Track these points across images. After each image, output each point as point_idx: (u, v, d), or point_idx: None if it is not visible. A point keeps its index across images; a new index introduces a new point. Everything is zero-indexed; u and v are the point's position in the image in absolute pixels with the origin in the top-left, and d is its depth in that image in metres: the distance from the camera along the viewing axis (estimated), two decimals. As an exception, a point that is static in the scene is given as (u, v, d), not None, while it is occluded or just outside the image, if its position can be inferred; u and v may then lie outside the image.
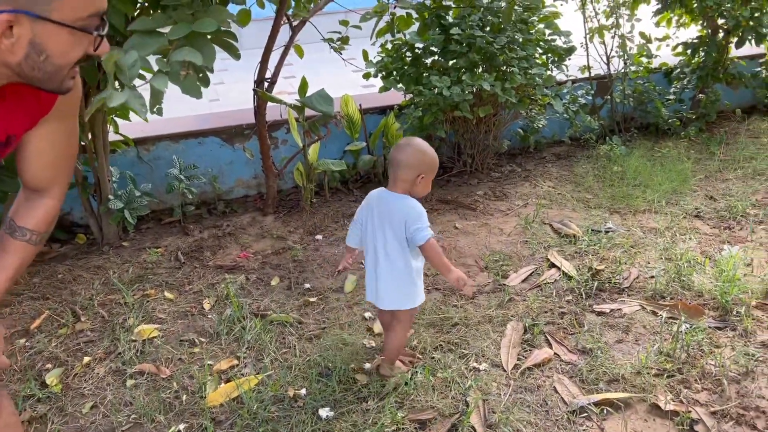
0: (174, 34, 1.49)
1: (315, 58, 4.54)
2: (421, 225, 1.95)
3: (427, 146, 1.98)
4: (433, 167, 2.00)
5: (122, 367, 2.28)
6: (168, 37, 1.51)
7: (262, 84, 3.19)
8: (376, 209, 2.06)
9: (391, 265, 2.01)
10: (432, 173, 2.01)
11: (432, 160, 1.98)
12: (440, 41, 3.45)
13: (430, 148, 1.99)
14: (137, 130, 3.47)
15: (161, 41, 1.50)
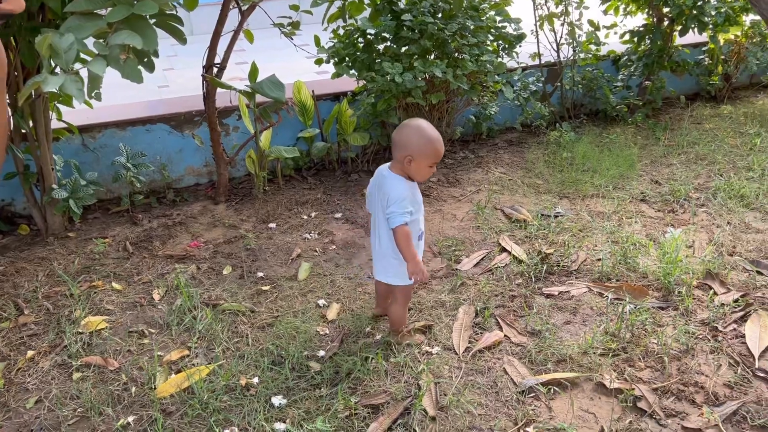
0: (113, 17, 1.44)
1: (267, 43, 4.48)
2: (396, 210, 1.95)
3: (424, 130, 1.94)
4: (424, 152, 1.94)
5: (68, 360, 2.22)
6: (107, 20, 1.46)
7: (211, 70, 3.13)
8: (375, 183, 2.10)
9: (380, 241, 2.10)
10: (423, 158, 1.95)
11: (423, 145, 1.93)
12: (392, 27, 3.44)
13: (428, 132, 1.94)
14: (82, 117, 3.36)
15: (99, 24, 1.45)
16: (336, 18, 3.46)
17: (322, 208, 3.40)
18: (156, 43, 1.55)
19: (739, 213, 3.12)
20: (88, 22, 1.43)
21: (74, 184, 3.04)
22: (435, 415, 1.90)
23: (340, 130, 3.76)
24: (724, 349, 2.16)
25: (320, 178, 3.80)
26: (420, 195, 2.09)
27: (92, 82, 1.43)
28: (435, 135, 1.94)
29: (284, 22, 3.33)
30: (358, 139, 3.69)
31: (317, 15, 3.29)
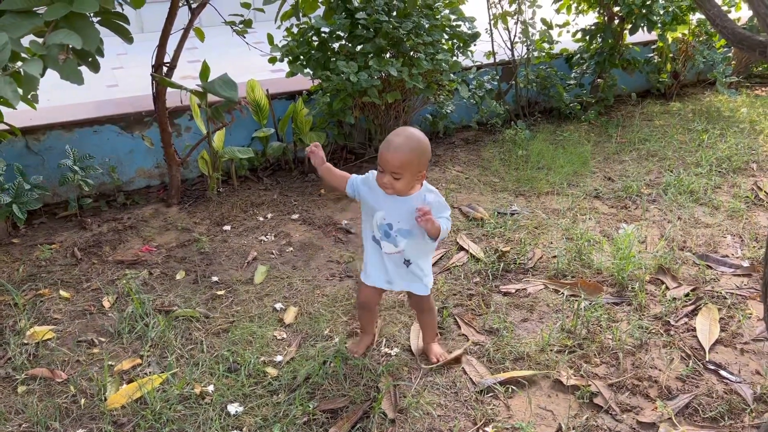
0: (51, 15, 1.37)
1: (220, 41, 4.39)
2: None
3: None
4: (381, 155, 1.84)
5: (12, 373, 2.13)
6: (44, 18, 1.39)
7: (160, 69, 3.05)
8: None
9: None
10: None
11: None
12: (346, 26, 3.41)
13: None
14: (25, 118, 3.23)
15: (36, 22, 1.38)
16: (289, 16, 3.40)
17: (279, 209, 3.35)
18: (97, 42, 1.49)
19: (689, 208, 3.20)
20: (24, 20, 1.36)
21: (18, 188, 2.92)
22: (394, 417, 1.88)
23: (296, 129, 3.71)
24: (676, 343, 2.20)
25: (276, 179, 3.74)
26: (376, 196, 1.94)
27: (28, 84, 1.36)
28: (384, 142, 1.84)
29: (236, 20, 3.26)
30: (314, 138, 3.64)
31: (270, 13, 3.23)
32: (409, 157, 1.78)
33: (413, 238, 1.91)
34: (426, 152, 1.83)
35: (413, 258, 1.97)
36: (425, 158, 1.83)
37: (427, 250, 2.00)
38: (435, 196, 1.90)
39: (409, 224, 1.89)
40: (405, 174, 1.79)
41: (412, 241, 1.92)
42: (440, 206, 1.88)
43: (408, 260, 1.97)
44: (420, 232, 1.88)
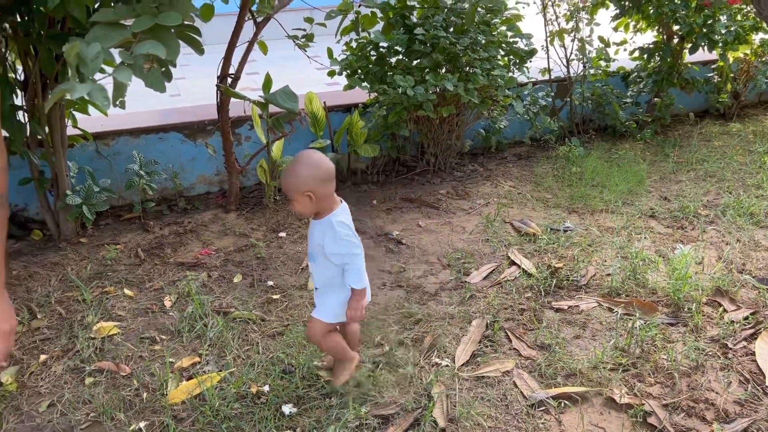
0: (138, 27, 1.47)
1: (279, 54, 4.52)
2: None
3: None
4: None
5: (80, 365, 2.24)
6: (131, 30, 1.49)
7: (225, 80, 3.17)
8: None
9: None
10: None
11: None
12: (404, 41, 3.48)
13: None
14: (96, 124, 3.40)
15: (124, 33, 1.48)
16: (349, 31, 3.50)
17: (332, 219, 3.41)
18: (178, 53, 1.58)
19: (749, 231, 3.13)
20: (114, 31, 1.46)
21: (88, 190, 3.07)
22: (445, 426, 1.90)
23: (351, 141, 3.79)
24: (734, 366, 2.16)
25: (330, 189, 3.81)
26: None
27: (117, 91, 1.46)
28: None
29: (299, 34, 3.36)
30: (368, 151, 3.72)
31: (331, 27, 3.33)
32: (290, 181, 1.78)
33: (316, 263, 1.92)
34: (303, 179, 1.77)
35: (318, 284, 1.97)
36: (304, 184, 1.77)
37: (332, 285, 1.94)
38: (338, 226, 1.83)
39: (313, 249, 1.91)
40: (295, 196, 1.79)
41: (315, 266, 1.93)
42: (335, 239, 1.83)
43: (315, 286, 1.99)
44: (324, 261, 1.89)
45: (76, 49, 1.32)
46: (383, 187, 3.82)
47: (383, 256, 3.02)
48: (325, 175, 1.81)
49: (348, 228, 1.86)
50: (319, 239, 1.86)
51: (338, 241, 1.84)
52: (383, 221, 3.37)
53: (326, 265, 1.90)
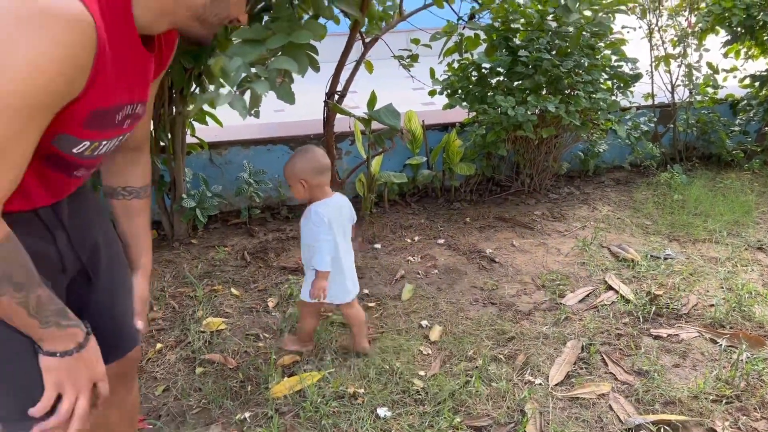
0: (273, 44, 1.61)
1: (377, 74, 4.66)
2: None
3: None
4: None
5: (192, 355, 2.41)
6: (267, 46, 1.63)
7: (332, 96, 3.32)
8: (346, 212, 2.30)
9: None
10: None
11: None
12: (507, 62, 3.53)
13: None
14: (212, 134, 3.65)
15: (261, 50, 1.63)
16: (452, 52, 3.58)
17: (425, 233, 3.49)
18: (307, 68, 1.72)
19: None
20: (253, 48, 1.61)
21: (201, 195, 3.30)
22: (538, 442, 1.91)
23: (447, 159, 3.86)
24: None
25: (423, 205, 3.90)
26: None
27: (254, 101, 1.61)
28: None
29: (404, 54, 3.49)
30: (464, 169, 3.77)
31: (433, 48, 3.43)
32: (288, 168, 2.10)
33: (302, 249, 2.27)
34: (299, 166, 2.08)
35: (305, 263, 2.26)
36: (300, 171, 2.09)
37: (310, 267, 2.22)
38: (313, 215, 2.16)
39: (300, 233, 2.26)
40: (291, 183, 2.13)
41: (302, 252, 2.27)
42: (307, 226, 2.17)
43: (304, 264, 2.28)
44: (304, 246, 2.24)
45: (221, 63, 1.47)
46: (476, 205, 3.86)
47: (476, 273, 3.05)
48: (319, 168, 2.12)
49: (319, 218, 2.14)
50: (302, 226, 2.23)
51: (307, 226, 2.18)
52: (476, 239, 3.41)
53: (304, 252, 2.24)
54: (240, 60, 1.50)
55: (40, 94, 0.89)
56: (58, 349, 1.04)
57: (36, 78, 0.87)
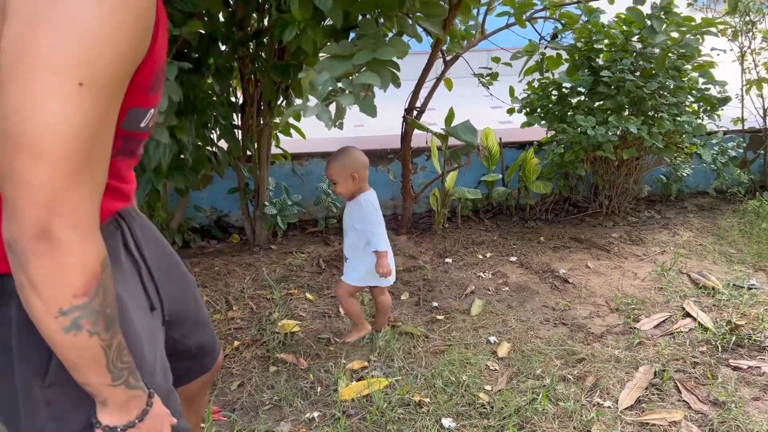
0: (360, 59, 1.71)
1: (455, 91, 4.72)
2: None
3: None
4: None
5: (266, 353, 2.52)
6: (353, 62, 1.73)
7: (411, 112, 3.41)
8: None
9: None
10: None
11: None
12: (588, 82, 3.50)
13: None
14: (294, 146, 3.81)
15: (347, 65, 1.72)
16: (533, 71, 3.60)
17: (498, 250, 3.50)
18: (389, 83, 1.80)
19: None
20: (340, 63, 1.70)
21: (282, 203, 3.45)
22: (604, 464, 1.89)
23: (523, 177, 3.86)
24: None
25: (497, 222, 3.91)
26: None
27: (338, 113, 1.70)
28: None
29: (484, 72, 3.53)
30: (540, 187, 3.76)
31: (513, 67, 3.46)
32: (341, 163, 2.32)
33: (348, 237, 2.47)
34: (350, 162, 2.32)
35: (349, 255, 2.48)
36: (351, 166, 2.32)
37: (359, 254, 2.46)
38: (364, 203, 2.38)
39: (346, 225, 2.46)
40: (341, 178, 2.34)
41: (347, 240, 2.48)
42: (362, 213, 2.37)
43: (346, 256, 2.49)
44: (354, 233, 2.43)
45: (310, 77, 1.57)
46: (551, 225, 3.83)
47: (548, 292, 3.03)
48: (366, 163, 2.38)
49: (372, 205, 2.39)
50: (350, 216, 2.43)
51: (364, 214, 2.37)
52: (550, 258, 3.39)
53: (355, 238, 2.44)
54: (327, 74, 1.59)
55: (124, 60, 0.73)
56: (119, 423, 0.86)
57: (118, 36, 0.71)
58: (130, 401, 0.86)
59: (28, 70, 0.66)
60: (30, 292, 0.72)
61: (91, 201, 0.73)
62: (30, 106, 0.67)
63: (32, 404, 0.86)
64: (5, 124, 0.68)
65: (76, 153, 0.70)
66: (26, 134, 0.67)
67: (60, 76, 0.67)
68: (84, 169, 0.71)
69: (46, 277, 0.71)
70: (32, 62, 0.66)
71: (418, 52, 3.57)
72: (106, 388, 0.82)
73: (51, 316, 0.73)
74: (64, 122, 0.68)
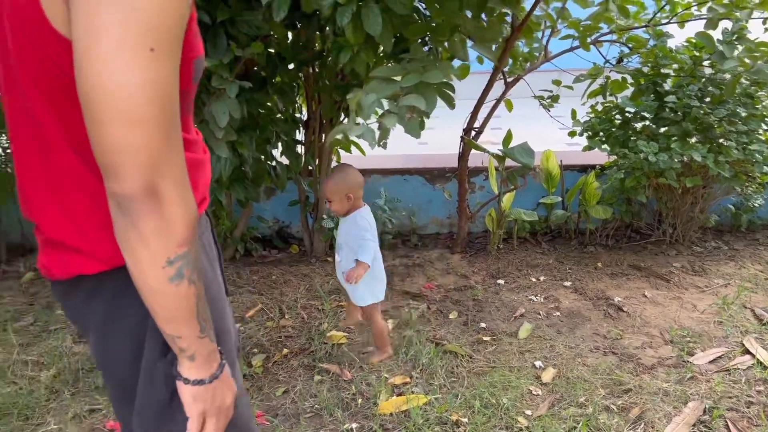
0: (406, 82, 1.76)
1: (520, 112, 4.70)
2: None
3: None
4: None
5: (312, 363, 2.60)
6: (401, 84, 1.79)
7: (469, 132, 3.44)
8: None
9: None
10: None
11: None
12: (653, 108, 3.43)
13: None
14: (354, 162, 3.89)
15: (394, 87, 1.78)
16: (596, 94, 3.56)
17: (552, 274, 3.46)
18: (435, 107, 1.84)
19: None
20: (387, 85, 1.77)
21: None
22: (640, 500, 1.84)
23: (583, 201, 3.80)
24: None
25: (554, 245, 3.86)
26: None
27: (383, 134, 1.76)
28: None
29: (545, 94, 3.52)
30: (600, 212, 3.69)
31: (576, 89, 3.43)
32: (331, 186, 2.39)
33: (340, 254, 2.48)
34: (345, 182, 2.38)
35: (344, 271, 2.44)
36: (345, 186, 2.38)
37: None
38: (359, 220, 2.42)
39: (340, 241, 2.48)
40: (333, 198, 2.40)
41: (340, 256, 2.48)
42: (357, 229, 2.39)
43: (344, 272, 2.44)
44: (348, 249, 2.43)
45: (358, 98, 1.63)
46: (611, 251, 3.75)
47: (600, 319, 2.98)
48: (361, 183, 2.45)
49: (367, 222, 2.43)
50: (345, 232, 2.46)
51: (359, 230, 2.40)
52: (605, 285, 3.32)
53: (349, 255, 2.43)
54: (374, 96, 1.66)
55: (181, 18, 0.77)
56: (205, 376, 0.92)
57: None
58: (210, 355, 0.92)
59: (104, 46, 0.72)
60: (140, 248, 0.79)
61: (181, 156, 0.80)
62: (115, 78, 0.72)
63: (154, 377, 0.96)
64: (95, 99, 0.73)
65: (163, 114, 0.76)
66: (118, 104, 0.73)
67: (134, 46, 0.72)
68: (172, 127, 0.78)
69: (156, 229, 0.78)
70: (106, 38, 0.71)
71: (480, 71, 3.62)
72: (195, 340, 0.88)
73: (159, 267, 0.80)
74: (147, 87, 0.74)
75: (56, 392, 2.45)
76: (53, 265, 0.95)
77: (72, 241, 0.91)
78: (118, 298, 0.94)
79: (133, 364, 0.98)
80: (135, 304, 0.89)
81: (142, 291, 0.83)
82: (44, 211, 0.92)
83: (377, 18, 1.71)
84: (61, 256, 0.93)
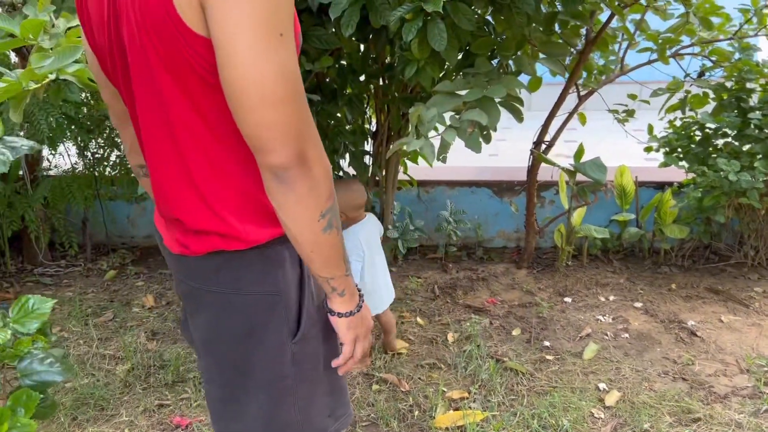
0: (469, 97, 1.77)
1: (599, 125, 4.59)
2: None
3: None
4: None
5: (371, 372, 2.62)
6: (463, 99, 1.79)
7: (539, 146, 3.38)
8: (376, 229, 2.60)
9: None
10: None
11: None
12: (736, 124, 3.27)
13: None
14: (421, 173, 3.92)
15: (457, 102, 1.79)
16: (675, 109, 3.43)
17: (622, 294, 3.34)
18: (498, 121, 1.84)
19: None
20: (449, 99, 1.77)
21: (405, 227, 3.56)
22: None
23: (658, 219, 3.66)
24: None
25: (626, 264, 3.73)
26: None
27: (443, 147, 1.77)
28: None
29: (620, 108, 3.43)
30: (676, 231, 3.54)
31: (653, 103, 3.32)
32: None
33: None
34: (346, 201, 2.35)
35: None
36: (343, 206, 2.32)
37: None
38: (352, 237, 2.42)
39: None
40: None
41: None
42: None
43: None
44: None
45: (419, 112, 1.65)
46: (686, 272, 3.59)
47: (671, 343, 2.85)
48: (358, 205, 2.42)
49: (358, 240, 2.42)
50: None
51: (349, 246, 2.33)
52: (679, 308, 3.18)
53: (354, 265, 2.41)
54: (435, 110, 1.67)
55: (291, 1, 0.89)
56: (353, 308, 1.09)
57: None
58: (354, 290, 1.08)
59: (242, 41, 0.82)
60: (299, 208, 0.92)
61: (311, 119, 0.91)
62: (258, 67, 0.83)
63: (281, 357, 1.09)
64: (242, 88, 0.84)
65: (296, 88, 0.87)
66: (264, 89, 0.84)
67: (268, 34, 0.83)
68: (302, 97, 0.88)
69: (310, 189, 0.91)
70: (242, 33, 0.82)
71: (553, 83, 3.56)
72: (343, 279, 1.04)
73: (315, 221, 0.93)
74: (286, 69, 0.85)
75: (129, 386, 2.58)
76: (192, 243, 1.05)
77: (216, 228, 1.02)
78: (246, 273, 1.04)
79: (243, 340, 1.08)
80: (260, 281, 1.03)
81: (302, 245, 0.96)
82: (186, 205, 1.03)
83: (442, 34, 1.72)
84: (203, 238, 1.04)
